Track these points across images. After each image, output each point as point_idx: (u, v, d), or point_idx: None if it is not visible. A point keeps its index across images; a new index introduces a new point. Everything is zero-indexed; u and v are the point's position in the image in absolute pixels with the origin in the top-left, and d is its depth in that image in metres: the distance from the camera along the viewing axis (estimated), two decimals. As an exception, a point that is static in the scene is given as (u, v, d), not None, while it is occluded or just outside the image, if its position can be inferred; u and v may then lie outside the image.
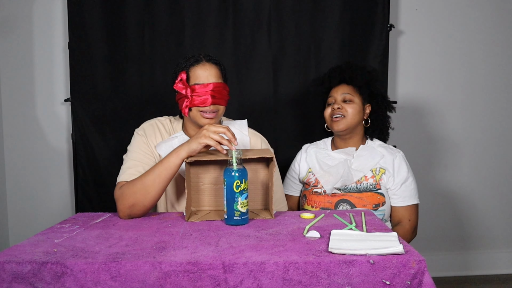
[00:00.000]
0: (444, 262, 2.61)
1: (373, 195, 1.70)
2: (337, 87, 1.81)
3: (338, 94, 1.78)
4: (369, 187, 1.71)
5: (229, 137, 1.34)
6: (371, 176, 1.72)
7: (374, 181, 1.72)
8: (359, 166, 1.74)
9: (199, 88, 1.47)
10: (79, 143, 2.30)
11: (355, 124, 1.77)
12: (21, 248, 1.09)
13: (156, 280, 0.97)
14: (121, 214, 1.39)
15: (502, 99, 2.57)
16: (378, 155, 1.75)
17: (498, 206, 2.63)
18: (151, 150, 1.55)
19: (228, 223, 1.30)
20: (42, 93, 2.41)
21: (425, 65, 2.52)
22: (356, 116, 1.76)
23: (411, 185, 1.74)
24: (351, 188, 1.72)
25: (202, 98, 1.47)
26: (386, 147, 1.80)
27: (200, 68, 1.50)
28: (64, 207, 2.46)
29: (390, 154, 1.76)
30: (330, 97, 1.82)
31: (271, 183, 1.39)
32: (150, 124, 1.60)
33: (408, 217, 1.73)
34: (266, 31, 2.31)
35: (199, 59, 1.52)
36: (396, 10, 2.47)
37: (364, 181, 1.72)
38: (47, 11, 2.37)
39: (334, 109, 1.76)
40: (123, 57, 2.28)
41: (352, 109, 1.75)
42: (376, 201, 1.70)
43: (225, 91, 1.52)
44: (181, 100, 1.51)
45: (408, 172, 1.75)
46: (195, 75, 1.50)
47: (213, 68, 1.51)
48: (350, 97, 1.77)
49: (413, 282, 0.97)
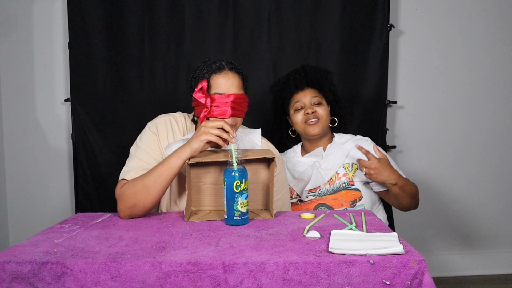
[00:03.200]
0: (444, 262, 2.61)
1: (348, 193, 1.71)
2: (303, 91, 1.81)
3: (307, 98, 1.79)
4: (342, 185, 1.72)
5: (227, 129, 1.34)
6: (344, 174, 1.73)
7: (347, 178, 1.72)
8: (328, 164, 1.74)
9: (219, 98, 1.41)
10: (79, 143, 2.30)
11: (327, 125, 1.80)
12: (21, 248, 1.09)
13: (156, 280, 0.97)
14: (121, 215, 1.39)
15: (502, 99, 2.57)
16: (346, 150, 1.75)
17: (498, 206, 2.63)
18: (161, 150, 1.50)
19: (228, 223, 1.30)
20: (42, 93, 2.41)
21: (425, 65, 2.52)
22: (328, 118, 1.79)
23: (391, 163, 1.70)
24: (325, 191, 1.72)
25: (221, 110, 1.41)
26: (352, 139, 1.80)
27: (222, 77, 1.44)
28: (64, 207, 2.46)
29: (357, 144, 1.73)
30: (297, 102, 1.80)
31: (271, 183, 1.39)
32: (164, 120, 1.55)
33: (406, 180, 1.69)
34: (266, 31, 2.31)
35: (222, 66, 1.45)
36: (396, 10, 2.47)
37: (337, 180, 1.73)
38: (47, 11, 2.37)
39: (308, 113, 1.76)
40: (123, 57, 2.28)
41: (324, 112, 1.77)
42: (352, 198, 1.70)
43: (245, 102, 1.47)
44: (199, 108, 1.44)
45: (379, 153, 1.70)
46: (216, 84, 1.43)
47: (235, 78, 1.45)
48: (319, 99, 1.79)
49: (413, 282, 0.97)
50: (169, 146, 1.48)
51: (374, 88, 2.37)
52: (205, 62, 1.50)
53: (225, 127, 1.33)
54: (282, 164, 1.62)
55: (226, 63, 1.47)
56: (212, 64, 1.47)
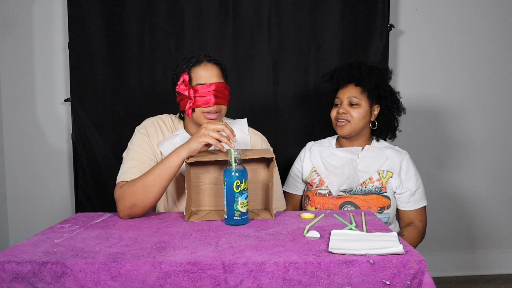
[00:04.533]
0: (444, 262, 2.61)
1: (379, 198, 1.67)
2: (344, 88, 1.74)
3: (345, 96, 1.73)
4: (375, 189, 1.67)
5: (227, 134, 1.35)
6: (377, 179, 1.69)
7: (380, 184, 1.68)
8: (365, 167, 1.70)
9: (201, 89, 1.47)
10: (79, 143, 2.30)
11: (360, 128, 1.73)
12: (21, 248, 1.09)
13: (156, 280, 0.97)
14: (121, 214, 1.39)
15: (503, 98, 2.57)
16: (384, 157, 1.71)
17: (499, 206, 2.63)
18: (153, 149, 1.54)
19: (228, 223, 1.30)
20: (42, 93, 2.41)
21: (425, 65, 2.52)
22: (361, 121, 1.71)
23: (420, 188, 1.73)
24: (357, 190, 1.68)
25: (205, 99, 1.47)
26: (392, 148, 1.77)
27: (201, 68, 1.50)
28: (64, 207, 2.46)
29: (397, 156, 1.73)
30: (336, 98, 1.76)
31: (271, 183, 1.39)
32: (152, 121, 1.60)
33: (420, 219, 1.73)
34: (266, 31, 2.31)
35: (200, 59, 1.51)
36: (396, 10, 2.47)
37: (370, 183, 1.68)
38: (47, 11, 2.37)
39: (339, 113, 1.72)
40: (123, 57, 2.28)
41: (357, 114, 1.70)
42: (381, 204, 1.67)
43: (226, 90, 1.52)
44: (184, 102, 1.51)
45: (416, 175, 1.73)
46: (197, 76, 1.50)
47: (214, 68, 1.51)
48: (357, 100, 1.71)
49: (413, 282, 0.97)
50: (161, 143, 1.53)
51: (374, 88, 2.37)
52: (184, 58, 1.56)
53: (225, 130, 1.34)
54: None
55: (204, 56, 1.53)
56: (191, 59, 1.53)
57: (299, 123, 2.36)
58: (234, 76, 2.29)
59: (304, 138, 2.28)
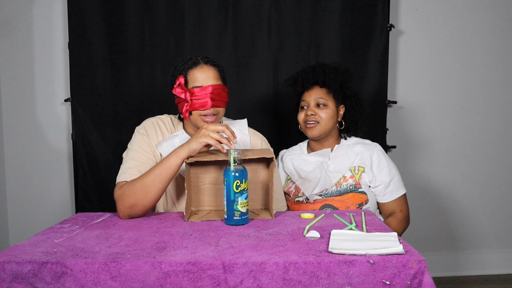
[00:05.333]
0: (444, 262, 2.61)
1: (355, 195, 1.68)
2: (310, 91, 1.76)
3: (311, 98, 1.73)
4: (350, 187, 1.69)
5: (228, 135, 1.35)
6: (350, 176, 1.70)
7: (354, 181, 1.70)
8: (336, 167, 1.71)
9: (198, 91, 1.46)
10: (79, 143, 2.30)
11: (329, 129, 1.74)
12: (21, 248, 1.09)
13: (156, 280, 0.97)
14: (121, 215, 1.39)
15: (500, 99, 2.57)
16: (354, 153, 1.72)
17: (498, 206, 2.63)
18: (152, 149, 1.54)
19: (228, 223, 1.30)
20: (42, 93, 2.41)
21: (425, 65, 2.52)
22: (330, 121, 1.73)
23: (395, 178, 1.72)
24: (332, 192, 1.70)
25: (201, 102, 1.46)
26: (362, 143, 1.77)
27: (198, 70, 1.48)
28: (64, 207, 2.46)
29: (367, 150, 1.73)
30: (303, 101, 1.77)
31: (271, 183, 1.39)
32: (151, 122, 1.59)
33: (399, 208, 1.73)
34: (266, 31, 2.31)
35: (197, 61, 1.50)
36: (396, 10, 2.47)
37: (344, 182, 1.70)
38: (47, 11, 2.37)
39: (307, 115, 1.73)
40: (123, 57, 2.28)
41: (326, 115, 1.72)
42: (358, 201, 1.68)
43: (224, 92, 1.51)
44: (181, 104, 1.50)
45: (389, 165, 1.72)
46: (193, 78, 1.48)
47: (211, 70, 1.49)
48: (324, 101, 1.72)
49: (413, 282, 0.97)
50: (159, 144, 1.53)
51: (374, 88, 2.37)
52: (182, 60, 1.54)
53: (226, 132, 1.34)
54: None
55: (201, 57, 1.52)
56: (188, 61, 1.51)
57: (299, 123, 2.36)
58: (234, 75, 2.29)
59: (304, 137, 2.29)
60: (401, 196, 1.73)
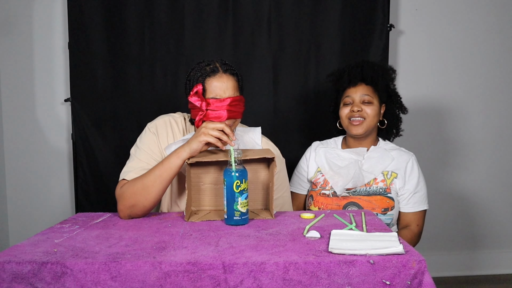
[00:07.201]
0: (444, 262, 2.61)
1: (383, 199, 1.66)
2: (355, 87, 1.74)
3: (357, 95, 1.72)
4: (379, 190, 1.67)
5: (227, 132, 1.33)
6: (382, 179, 1.69)
7: (385, 185, 1.68)
8: (370, 167, 1.69)
9: (215, 103, 1.39)
10: (79, 143, 2.30)
11: (373, 126, 1.73)
12: (21, 248, 1.09)
13: (156, 280, 0.97)
14: (121, 214, 1.39)
15: (502, 98, 2.57)
16: (389, 158, 1.71)
17: (499, 206, 2.62)
18: (161, 151, 1.50)
19: (228, 223, 1.30)
20: (42, 93, 2.40)
21: (425, 65, 2.52)
22: (375, 118, 1.72)
23: (421, 191, 1.72)
24: (360, 191, 1.68)
25: (217, 113, 1.39)
26: (398, 150, 1.76)
27: (217, 80, 1.41)
28: (64, 207, 2.46)
29: (404, 157, 1.73)
30: (347, 97, 1.75)
31: (271, 183, 1.39)
32: (164, 121, 1.54)
33: (416, 222, 1.72)
34: (266, 31, 2.31)
35: (216, 69, 1.42)
36: (396, 10, 2.47)
37: (374, 184, 1.68)
38: (47, 11, 2.37)
39: (353, 111, 1.71)
40: (123, 57, 2.28)
41: (371, 111, 1.70)
42: (385, 205, 1.66)
43: (241, 103, 1.45)
44: (195, 111, 1.43)
45: (419, 177, 1.72)
46: (211, 88, 1.41)
47: (230, 80, 1.42)
48: (370, 98, 1.71)
49: (413, 282, 0.97)
50: (168, 147, 1.48)
51: (374, 88, 2.37)
52: (199, 63, 1.47)
53: (225, 129, 1.33)
54: (282, 163, 1.62)
55: (220, 64, 1.44)
56: (206, 67, 1.44)
57: (299, 123, 2.36)
58: (234, 76, 2.29)
59: (304, 138, 2.29)
60: (422, 211, 1.73)
